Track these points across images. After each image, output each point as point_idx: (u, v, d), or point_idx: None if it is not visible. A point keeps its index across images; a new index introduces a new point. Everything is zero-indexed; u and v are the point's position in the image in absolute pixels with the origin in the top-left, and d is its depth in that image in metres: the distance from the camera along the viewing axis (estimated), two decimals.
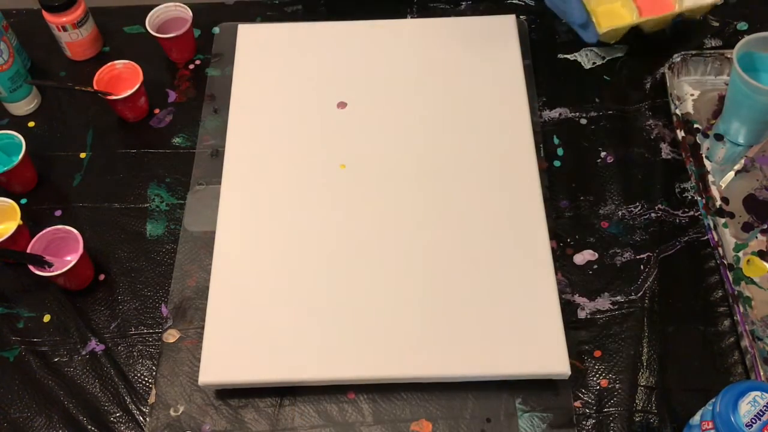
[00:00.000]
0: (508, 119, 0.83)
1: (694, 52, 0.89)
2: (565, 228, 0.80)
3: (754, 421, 0.58)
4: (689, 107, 0.88)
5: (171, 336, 0.75)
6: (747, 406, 0.58)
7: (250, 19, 0.98)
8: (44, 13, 0.91)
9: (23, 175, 0.83)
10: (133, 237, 0.81)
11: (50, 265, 0.74)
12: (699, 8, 0.89)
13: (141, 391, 0.72)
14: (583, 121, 0.88)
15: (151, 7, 0.93)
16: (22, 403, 0.72)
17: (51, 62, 0.96)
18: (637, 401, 0.70)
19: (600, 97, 0.89)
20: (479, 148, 0.82)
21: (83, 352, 0.74)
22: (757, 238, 0.78)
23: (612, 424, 0.69)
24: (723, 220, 0.79)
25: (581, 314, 0.75)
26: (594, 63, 0.92)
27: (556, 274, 0.75)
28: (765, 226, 0.79)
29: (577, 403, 0.70)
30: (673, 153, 0.85)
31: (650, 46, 0.92)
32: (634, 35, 0.91)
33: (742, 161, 0.83)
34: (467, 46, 0.90)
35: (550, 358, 0.69)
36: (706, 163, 0.83)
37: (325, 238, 0.76)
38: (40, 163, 0.86)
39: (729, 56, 0.88)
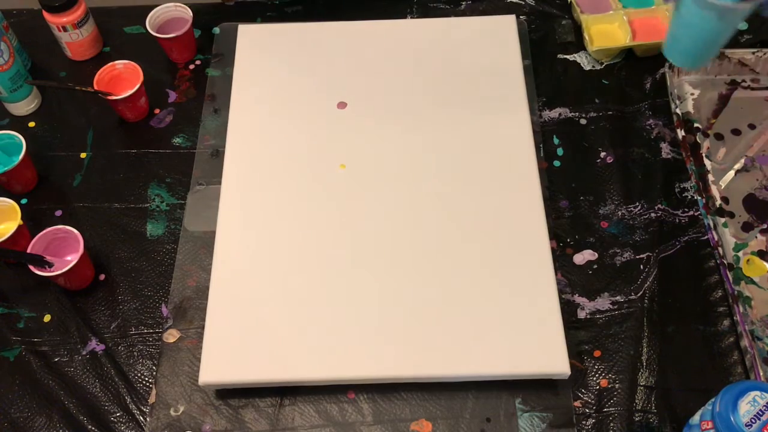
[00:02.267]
0: (508, 119, 0.83)
1: None
2: (565, 228, 0.80)
3: (753, 420, 0.58)
4: (689, 106, 0.88)
5: (171, 336, 0.75)
6: (747, 406, 0.58)
7: (250, 19, 0.98)
8: (44, 13, 0.91)
9: (23, 175, 0.83)
10: (134, 237, 0.81)
11: (50, 265, 0.74)
12: None
13: (141, 390, 0.72)
14: (583, 121, 0.88)
15: (151, 8, 0.93)
16: (23, 403, 0.72)
17: (51, 62, 0.96)
18: (636, 401, 0.70)
19: (600, 97, 0.89)
20: (479, 147, 0.82)
21: (83, 352, 0.74)
22: (756, 237, 0.78)
23: (612, 424, 0.69)
24: (723, 220, 0.79)
25: (581, 314, 0.75)
26: (593, 65, 0.92)
27: (556, 274, 0.75)
28: (765, 226, 0.79)
29: (577, 403, 0.70)
30: (673, 152, 0.85)
31: None
32: (626, 56, 0.92)
33: (742, 161, 0.84)
34: (467, 46, 0.90)
35: (550, 357, 0.69)
36: (706, 162, 0.83)
37: (325, 238, 0.76)
38: (41, 163, 0.86)
39: (729, 56, 0.88)
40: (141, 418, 0.71)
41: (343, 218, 0.77)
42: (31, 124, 0.90)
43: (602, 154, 0.85)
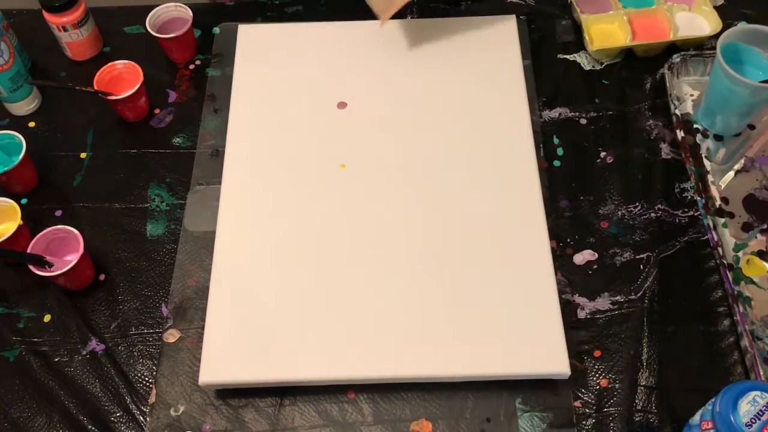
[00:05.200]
0: (508, 119, 0.83)
1: (693, 52, 0.89)
2: (565, 228, 0.80)
3: (753, 421, 0.58)
4: (689, 107, 0.88)
5: (171, 336, 0.75)
6: (747, 406, 0.58)
7: (250, 19, 0.98)
8: (44, 13, 0.91)
9: (24, 175, 0.83)
10: (134, 237, 0.81)
11: (50, 265, 0.74)
12: (693, 39, 0.91)
13: (141, 391, 0.72)
14: (583, 121, 0.88)
15: (151, 8, 0.93)
16: (23, 403, 0.72)
17: (51, 62, 0.96)
18: (636, 401, 0.70)
19: (600, 97, 0.89)
20: (479, 148, 0.82)
21: (83, 352, 0.74)
22: (756, 238, 0.78)
23: (612, 424, 0.69)
24: (723, 220, 0.79)
25: (581, 314, 0.75)
26: (593, 65, 0.92)
27: (556, 274, 0.75)
28: (765, 226, 0.79)
29: (577, 403, 0.70)
30: (672, 153, 0.85)
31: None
32: (626, 56, 0.92)
33: (742, 161, 0.84)
34: (467, 46, 0.90)
35: (550, 358, 0.69)
36: (706, 163, 0.83)
37: (325, 238, 0.76)
38: (41, 163, 0.86)
39: None
40: (141, 418, 0.71)
41: (343, 218, 0.77)
42: (31, 124, 0.90)
43: (602, 154, 0.85)
